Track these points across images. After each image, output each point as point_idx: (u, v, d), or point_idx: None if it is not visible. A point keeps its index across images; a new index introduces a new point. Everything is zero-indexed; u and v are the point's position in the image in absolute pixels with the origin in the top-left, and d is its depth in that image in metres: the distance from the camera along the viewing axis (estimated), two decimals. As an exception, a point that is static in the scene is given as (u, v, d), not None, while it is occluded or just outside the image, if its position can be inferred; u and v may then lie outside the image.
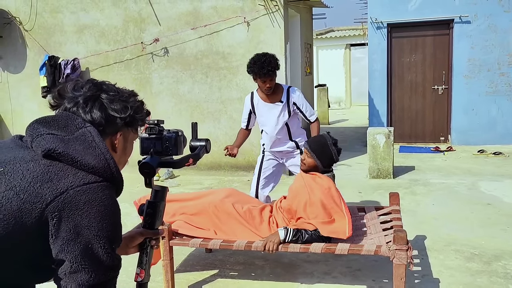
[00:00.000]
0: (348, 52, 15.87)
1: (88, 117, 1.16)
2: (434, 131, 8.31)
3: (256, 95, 3.74)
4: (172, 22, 6.49)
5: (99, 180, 1.10)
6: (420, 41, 8.15)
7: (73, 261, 1.05)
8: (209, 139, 1.55)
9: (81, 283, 1.05)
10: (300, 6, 7.36)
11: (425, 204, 4.81)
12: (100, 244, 1.07)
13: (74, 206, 1.04)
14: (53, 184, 1.05)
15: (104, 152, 1.13)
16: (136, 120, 1.24)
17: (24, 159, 1.10)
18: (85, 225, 1.05)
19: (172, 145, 1.38)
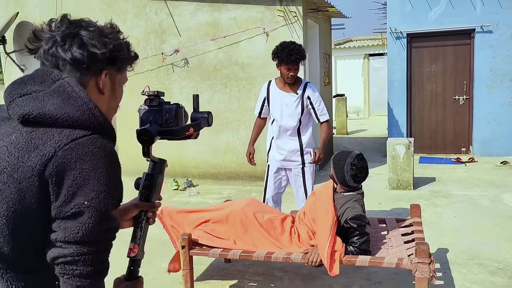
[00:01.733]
0: (367, 62, 15.80)
1: (69, 56, 1.08)
2: (455, 142, 8.19)
3: (273, 83, 3.75)
4: (192, 33, 6.58)
5: (87, 133, 1.03)
6: (440, 51, 8.07)
7: (66, 224, 0.99)
8: (211, 112, 1.48)
9: (72, 240, 0.98)
10: (319, 17, 7.38)
11: (446, 216, 4.73)
12: (97, 200, 1.00)
13: (67, 167, 0.98)
14: (39, 151, 0.99)
15: (87, 101, 1.06)
16: (118, 57, 1.15)
17: (6, 133, 1.04)
18: (80, 183, 0.99)
19: (172, 117, 1.32)
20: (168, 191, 6.16)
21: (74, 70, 1.10)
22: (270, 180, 3.82)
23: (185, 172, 6.76)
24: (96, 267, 1.02)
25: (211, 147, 6.62)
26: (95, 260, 1.01)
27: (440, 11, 7.76)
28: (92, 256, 1.00)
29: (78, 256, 0.99)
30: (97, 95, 1.14)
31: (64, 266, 0.99)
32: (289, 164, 3.74)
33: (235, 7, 6.34)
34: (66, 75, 1.09)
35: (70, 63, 1.09)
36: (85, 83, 1.11)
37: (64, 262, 0.99)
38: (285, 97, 3.65)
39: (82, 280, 1.00)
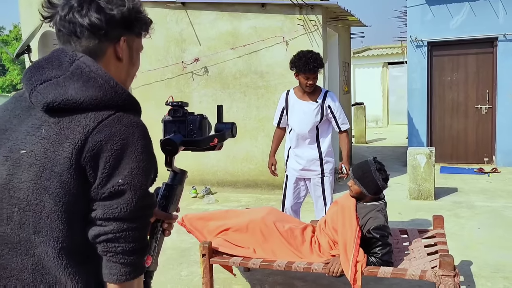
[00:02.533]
0: (386, 70, 15.69)
1: (86, 21, 1.05)
2: (477, 152, 8.04)
3: (292, 92, 3.74)
4: (212, 42, 6.64)
5: (112, 113, 1.01)
6: (462, 59, 7.96)
7: (104, 203, 0.99)
8: (235, 123, 1.45)
9: (112, 217, 0.98)
10: (339, 26, 7.37)
11: (470, 228, 4.63)
12: (132, 178, 0.99)
13: (99, 150, 0.97)
14: (71, 140, 0.98)
15: (107, 79, 1.03)
16: (137, 20, 1.12)
17: (34, 126, 1.02)
18: (114, 164, 0.98)
19: (196, 128, 1.30)
20: (187, 199, 6.19)
21: (92, 37, 1.07)
22: (289, 190, 3.79)
23: (204, 180, 6.78)
24: (138, 244, 1.01)
25: (230, 155, 6.64)
26: (135, 236, 1.00)
27: (462, 19, 7.67)
28: (132, 233, 0.99)
29: (119, 233, 0.98)
30: (115, 63, 1.12)
31: (106, 244, 0.98)
32: (308, 174, 3.71)
33: (255, 16, 6.38)
34: (82, 55, 1.06)
35: (88, 29, 1.06)
36: (103, 50, 1.09)
37: (105, 239, 0.98)
38: (304, 106, 3.64)
39: (125, 257, 0.99)
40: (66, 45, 1.09)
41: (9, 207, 1.00)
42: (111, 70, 1.11)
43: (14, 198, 0.99)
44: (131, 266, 1.00)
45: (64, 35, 1.08)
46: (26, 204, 0.99)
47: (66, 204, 0.98)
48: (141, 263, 1.04)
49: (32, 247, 0.99)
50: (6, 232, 1.00)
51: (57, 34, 1.10)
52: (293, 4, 6.00)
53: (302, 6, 6.04)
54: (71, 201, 0.98)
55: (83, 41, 1.07)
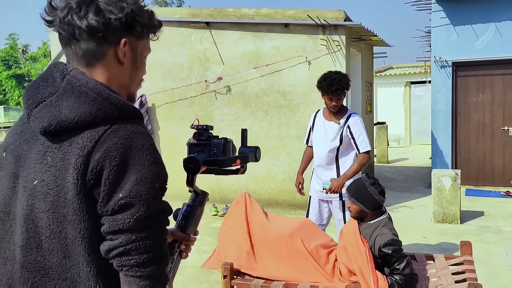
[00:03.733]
0: (408, 89, 15.55)
1: (84, 23, 1.01)
2: (504, 174, 7.83)
3: (320, 112, 3.78)
4: (235, 62, 6.71)
5: (108, 127, 0.98)
6: (488, 80, 7.83)
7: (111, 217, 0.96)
8: (259, 147, 1.44)
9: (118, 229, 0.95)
10: (362, 46, 7.37)
11: (498, 254, 4.48)
12: (134, 190, 0.95)
13: (100, 169, 0.95)
14: (74, 164, 0.95)
15: (98, 91, 0.99)
16: (138, 22, 1.07)
17: (40, 154, 1.01)
18: (114, 180, 0.95)
19: (220, 151, 1.29)
20: (207, 217, 6.18)
21: (90, 40, 1.03)
22: (311, 211, 3.76)
23: (224, 198, 6.78)
24: (153, 254, 0.97)
25: (251, 173, 6.63)
26: (147, 246, 0.96)
27: (488, 39, 7.57)
28: (143, 243, 0.96)
29: (128, 245, 0.95)
30: (117, 66, 1.08)
31: (120, 258, 0.96)
32: (327, 196, 3.65)
33: (278, 36, 6.43)
34: (72, 68, 1.04)
35: (86, 32, 1.02)
36: (103, 53, 1.05)
37: (117, 254, 0.96)
38: (327, 126, 3.64)
39: (141, 270, 0.96)
40: (66, 48, 1.07)
41: (36, 236, 1.00)
42: (113, 74, 1.08)
43: (39, 227, 0.99)
44: (150, 279, 0.97)
45: (64, 38, 1.06)
46: (50, 233, 0.98)
47: (85, 229, 0.97)
48: (161, 274, 1.00)
49: (64, 271, 0.99)
50: (37, 260, 1.00)
51: (59, 37, 1.08)
52: (316, 24, 6.03)
53: (326, 27, 6.07)
54: (89, 226, 0.97)
55: (82, 44, 1.04)
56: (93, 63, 1.05)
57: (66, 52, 1.08)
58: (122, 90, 1.11)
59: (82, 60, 1.05)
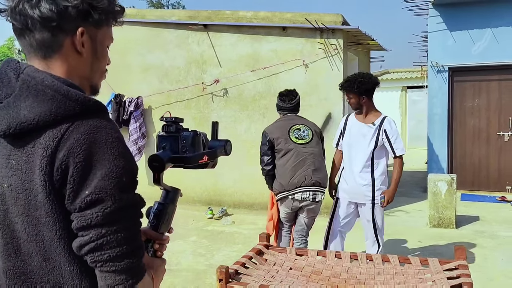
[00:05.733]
0: (405, 94, 15.61)
1: (37, 13, 0.95)
2: (499, 180, 7.86)
3: (352, 115, 3.81)
4: (233, 64, 6.70)
5: (69, 125, 0.93)
6: (484, 85, 7.87)
7: (78, 214, 0.93)
8: (229, 140, 1.38)
9: (86, 225, 0.92)
10: (359, 50, 7.38)
11: (493, 259, 4.49)
12: (99, 186, 0.92)
13: (65, 167, 0.91)
14: (39, 166, 0.92)
15: (56, 87, 0.94)
16: (96, 9, 1.00)
17: (4, 157, 0.97)
18: (79, 177, 0.91)
19: (188, 144, 1.25)
20: (203, 219, 6.16)
21: (44, 30, 0.97)
22: (339, 213, 3.74)
23: (221, 201, 6.76)
24: (126, 247, 0.94)
25: (247, 176, 6.62)
26: (120, 240, 0.93)
27: (484, 45, 7.61)
28: (114, 237, 0.93)
29: (99, 239, 0.92)
30: (75, 57, 1.02)
31: (93, 254, 0.93)
32: (359, 198, 3.65)
33: (275, 39, 6.44)
34: (25, 65, 0.99)
35: (39, 22, 0.96)
36: (59, 43, 0.99)
37: (89, 250, 0.93)
38: (362, 127, 3.65)
39: (116, 264, 0.93)
40: (21, 40, 1.01)
41: (14, 241, 0.97)
42: (72, 65, 1.02)
43: (15, 231, 0.97)
44: (125, 272, 0.94)
45: (17, 29, 0.99)
46: (27, 236, 0.96)
47: (61, 229, 0.94)
48: (137, 266, 0.96)
49: (46, 274, 0.97)
50: (17, 265, 0.98)
51: (12, 28, 1.01)
52: (314, 28, 6.04)
53: (323, 30, 6.08)
54: (64, 225, 0.94)
55: (37, 34, 0.98)
56: (50, 54, 1.00)
57: (21, 43, 1.02)
58: (84, 81, 1.06)
59: (38, 52, 1.00)
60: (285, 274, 2.94)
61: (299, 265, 3.07)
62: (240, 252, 4.23)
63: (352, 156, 3.66)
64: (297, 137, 3.72)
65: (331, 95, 6.08)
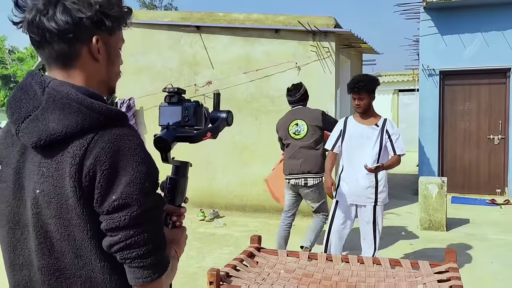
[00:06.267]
0: (396, 97, 15.70)
1: (53, 25, 1.00)
2: (489, 183, 7.93)
3: (351, 117, 3.78)
4: (225, 66, 6.70)
5: (95, 134, 0.99)
6: (474, 89, 7.94)
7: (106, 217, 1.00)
8: (231, 111, 1.40)
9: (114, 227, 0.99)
10: (352, 53, 7.42)
11: (483, 262, 4.52)
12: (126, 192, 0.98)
13: (93, 174, 0.98)
14: (69, 174, 0.98)
15: (80, 100, 0.99)
16: (108, 17, 1.05)
17: (35, 165, 1.03)
18: (106, 183, 0.98)
19: (191, 114, 1.28)
20: (194, 221, 6.14)
21: (61, 42, 1.02)
22: (338, 216, 3.74)
23: (212, 203, 6.74)
24: (152, 245, 1.02)
25: (239, 178, 6.61)
26: (146, 239, 1.01)
27: (475, 49, 7.68)
28: (141, 237, 1.00)
29: (128, 240, 1.00)
30: (92, 64, 1.07)
31: (122, 252, 1.01)
32: (362, 201, 3.64)
33: (268, 41, 6.45)
34: (50, 79, 1.03)
35: (56, 34, 1.01)
36: (78, 53, 1.04)
37: (118, 249, 1.00)
38: (365, 130, 3.64)
39: (143, 261, 1.01)
40: (40, 51, 1.06)
41: (48, 240, 1.03)
42: (91, 71, 1.07)
43: (48, 232, 1.03)
44: (152, 267, 1.02)
45: (35, 41, 1.04)
46: (60, 236, 1.02)
47: (91, 230, 1.01)
48: (162, 260, 1.05)
49: (78, 269, 1.04)
50: (51, 263, 1.04)
51: (30, 40, 1.06)
52: (306, 30, 6.06)
53: (316, 33, 6.10)
54: (94, 226, 1.01)
55: (55, 46, 1.03)
56: (69, 63, 1.05)
57: (41, 54, 1.07)
58: (102, 85, 1.12)
59: (58, 62, 1.05)
60: (276, 276, 2.94)
61: (290, 268, 3.07)
62: (231, 255, 4.22)
63: (356, 158, 3.62)
64: (294, 133, 4.31)
65: (323, 98, 6.09)
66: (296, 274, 2.96)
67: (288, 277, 2.93)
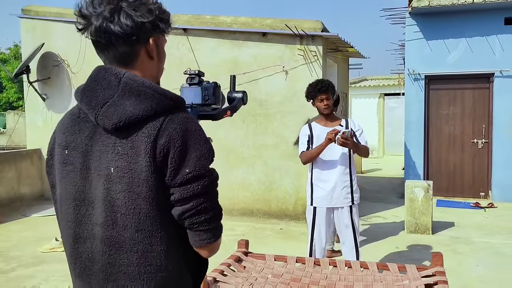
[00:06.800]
0: (382, 101, 15.83)
1: (118, 29, 1.15)
2: (473, 186, 8.03)
3: (314, 123, 3.73)
4: (213, 69, 6.66)
5: (167, 116, 1.15)
6: (458, 94, 8.04)
7: (179, 188, 1.15)
8: (245, 91, 1.60)
9: (188, 196, 1.15)
10: (338, 57, 7.45)
11: (468, 265, 4.56)
12: (196, 165, 1.15)
13: (167, 151, 1.13)
14: (144, 151, 1.13)
15: (154, 88, 1.17)
16: (162, 20, 1.23)
17: (110, 145, 1.17)
18: (180, 158, 1.14)
19: (210, 94, 1.45)
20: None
21: (125, 43, 1.18)
22: (320, 222, 3.66)
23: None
24: (214, 211, 1.20)
25: (226, 182, 6.57)
26: (211, 206, 1.19)
27: (459, 54, 7.79)
28: (207, 204, 1.18)
29: (198, 207, 1.16)
30: (148, 61, 1.24)
31: (191, 218, 1.17)
32: (339, 202, 3.61)
33: (255, 45, 6.44)
34: (124, 71, 1.18)
35: (121, 37, 1.16)
36: (137, 52, 1.21)
37: (189, 215, 1.16)
38: None
39: (209, 224, 1.19)
40: (104, 53, 1.21)
41: (113, 214, 1.16)
42: (146, 68, 1.24)
43: (115, 206, 1.16)
44: (214, 230, 1.20)
45: (101, 44, 1.19)
46: (126, 210, 1.15)
47: (157, 201, 1.15)
48: (220, 225, 1.23)
49: (135, 244, 1.17)
50: (113, 235, 1.17)
51: (93, 43, 1.21)
52: (294, 34, 6.07)
53: (303, 37, 6.11)
54: (160, 198, 1.15)
55: (119, 48, 1.18)
56: (130, 62, 1.21)
57: (103, 56, 1.22)
58: (153, 80, 1.26)
59: (120, 61, 1.21)
60: (264, 281, 2.92)
61: (278, 272, 3.05)
62: (218, 259, 4.17)
63: (326, 161, 3.61)
64: None
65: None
66: (283, 279, 2.94)
67: (275, 281, 2.91)
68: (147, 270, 1.18)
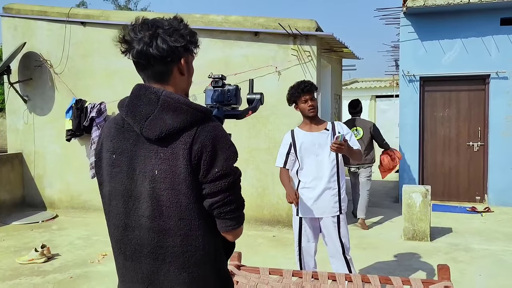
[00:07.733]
0: (373, 103, 15.69)
1: (155, 52, 1.37)
2: (469, 190, 7.88)
3: (297, 129, 3.48)
4: (203, 69, 6.38)
5: (199, 126, 1.37)
6: (454, 95, 7.89)
7: (210, 184, 1.39)
8: (262, 93, 1.84)
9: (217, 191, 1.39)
10: (332, 57, 7.25)
11: (471, 274, 4.36)
12: (225, 165, 1.38)
13: (200, 154, 1.35)
14: (182, 156, 1.35)
15: (189, 103, 1.37)
16: (192, 43, 1.45)
17: (153, 152, 1.38)
18: (210, 160, 1.36)
19: (232, 95, 1.70)
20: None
21: (161, 64, 1.40)
22: (306, 233, 3.46)
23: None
24: (237, 203, 1.44)
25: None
26: (235, 199, 1.43)
27: (454, 55, 7.63)
28: (233, 197, 1.42)
29: (225, 199, 1.40)
30: (179, 78, 1.45)
31: (219, 209, 1.41)
32: (326, 212, 3.37)
33: (247, 44, 6.20)
34: (162, 90, 1.39)
35: (159, 60, 1.39)
36: (171, 71, 1.43)
37: (217, 206, 1.40)
38: (316, 137, 3.38)
39: (234, 213, 1.43)
40: (143, 72, 1.44)
41: (159, 207, 1.39)
42: (178, 84, 1.46)
43: (160, 201, 1.38)
44: (238, 218, 1.45)
45: (141, 64, 1.42)
46: (169, 204, 1.38)
47: (194, 196, 1.38)
48: (243, 214, 1.48)
49: (178, 229, 1.40)
50: (160, 224, 1.40)
51: (135, 63, 1.44)
52: (287, 33, 5.84)
53: (297, 36, 5.89)
54: (196, 194, 1.39)
55: (156, 67, 1.41)
56: (165, 79, 1.44)
57: (143, 74, 1.45)
58: (183, 93, 1.49)
59: (156, 79, 1.43)
60: (259, 300, 2.68)
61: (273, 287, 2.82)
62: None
63: (312, 168, 3.37)
64: (355, 135, 6.05)
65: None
66: (281, 298, 2.71)
67: (273, 301, 2.69)
68: (188, 250, 1.41)
